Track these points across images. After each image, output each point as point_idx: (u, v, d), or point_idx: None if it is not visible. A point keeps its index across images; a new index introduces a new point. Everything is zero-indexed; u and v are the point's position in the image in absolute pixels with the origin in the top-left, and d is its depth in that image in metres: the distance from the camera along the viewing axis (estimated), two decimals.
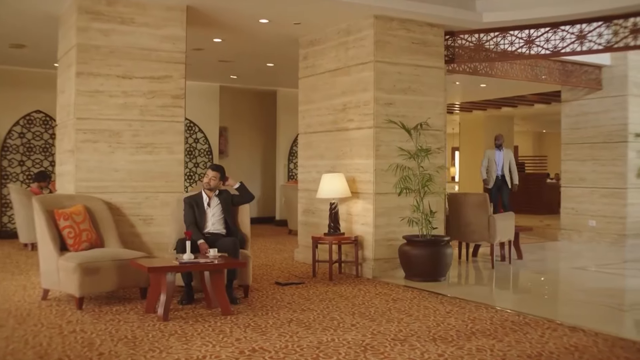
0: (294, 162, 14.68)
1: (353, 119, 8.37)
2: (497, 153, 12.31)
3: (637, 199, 11.05)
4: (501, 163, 12.28)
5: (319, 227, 8.98)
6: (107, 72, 7.23)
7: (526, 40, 8.48)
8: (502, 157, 12.30)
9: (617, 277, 8.73)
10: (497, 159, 12.30)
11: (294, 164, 14.67)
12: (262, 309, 6.27)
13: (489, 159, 12.33)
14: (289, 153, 14.76)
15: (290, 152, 14.77)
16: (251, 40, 9.52)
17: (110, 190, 7.25)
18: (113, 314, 5.98)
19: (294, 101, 14.62)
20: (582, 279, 8.49)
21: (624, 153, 10.97)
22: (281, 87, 14.53)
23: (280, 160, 14.76)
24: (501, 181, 12.24)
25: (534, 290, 7.82)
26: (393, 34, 8.17)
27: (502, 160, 12.30)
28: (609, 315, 6.47)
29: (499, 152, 12.31)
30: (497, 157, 12.32)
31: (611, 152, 11.12)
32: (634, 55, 10.83)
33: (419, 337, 5.27)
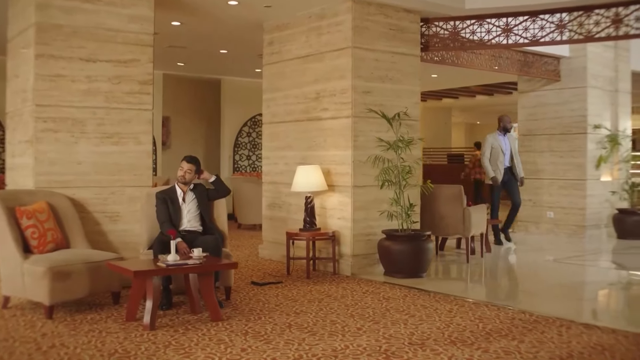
0: (240, 153, 14.13)
1: (328, 108, 7.94)
2: (502, 139, 10.07)
3: (595, 191, 11.09)
4: (509, 151, 10.09)
5: (286, 222, 8.53)
6: (70, 54, 6.54)
7: (504, 29, 8.25)
8: (509, 144, 10.14)
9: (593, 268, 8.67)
10: (504, 147, 10.06)
11: (240, 155, 14.12)
12: (250, 312, 5.79)
13: (492, 148, 10.05)
14: (234, 144, 14.18)
15: (236, 143, 14.19)
16: (212, 24, 8.95)
17: (73, 185, 6.58)
18: (90, 324, 5.35)
19: (239, 90, 14.17)
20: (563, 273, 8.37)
21: (583, 145, 10.97)
22: (226, 76, 13.93)
23: (225, 151, 14.16)
24: (509, 175, 10.07)
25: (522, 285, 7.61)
26: (371, 19, 7.78)
27: (511, 148, 10.12)
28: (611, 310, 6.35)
29: (504, 138, 10.09)
30: (504, 144, 10.07)
31: (570, 143, 11.11)
32: (593, 48, 10.84)
33: (435, 340, 4.95)
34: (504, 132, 10.12)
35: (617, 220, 10.92)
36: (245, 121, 14.25)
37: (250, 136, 14.34)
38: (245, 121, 14.25)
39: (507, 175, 10.06)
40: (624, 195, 11.12)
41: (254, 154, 14.33)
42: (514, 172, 10.07)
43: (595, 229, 11.07)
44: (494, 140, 10.06)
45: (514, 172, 10.08)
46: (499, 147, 10.00)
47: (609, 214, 11.20)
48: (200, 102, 14.69)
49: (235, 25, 9.03)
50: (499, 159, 9.98)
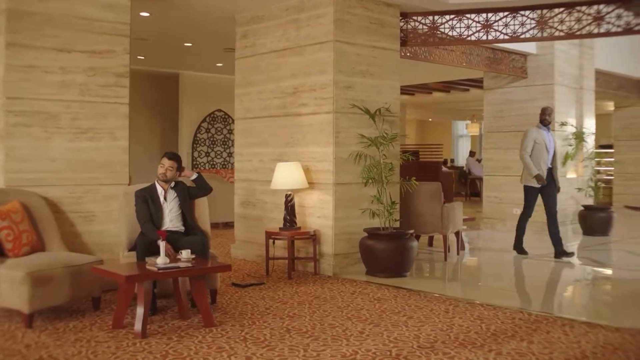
0: (198, 150, 13.75)
1: (307, 103, 7.71)
2: (546, 134, 8.57)
3: (563, 187, 11.12)
4: (553, 149, 8.59)
5: (262, 221, 8.26)
6: (43, 44, 6.11)
7: (484, 25, 8.16)
8: (553, 142, 8.67)
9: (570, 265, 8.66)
10: (549, 143, 8.55)
11: (198, 152, 13.75)
12: (242, 316, 5.52)
13: (536, 143, 8.51)
14: (193, 140, 13.78)
15: (195, 139, 13.80)
16: (182, 15, 8.62)
17: (46, 183, 6.16)
18: (74, 332, 4.99)
19: (198, 85, 13.77)
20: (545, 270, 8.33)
21: None
22: (185, 71, 13.53)
23: (183, 148, 13.74)
24: (550, 177, 8.63)
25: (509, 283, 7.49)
26: (352, 12, 7.57)
27: (554, 145, 8.65)
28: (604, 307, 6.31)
29: (548, 133, 8.61)
30: (548, 141, 8.56)
31: None
32: (560, 45, 10.87)
33: (443, 342, 4.79)
34: (546, 125, 8.64)
35: (582, 216, 11.01)
36: (204, 117, 13.88)
37: (209, 132, 13.97)
38: (204, 117, 13.89)
39: (548, 177, 8.62)
40: (589, 192, 11.20)
41: (213, 150, 13.97)
42: (554, 176, 8.70)
43: (561, 225, 11.06)
44: (538, 134, 8.55)
45: (553, 176, 8.70)
46: (543, 143, 8.53)
47: (575, 211, 11.29)
48: (157, 97, 14.22)
49: (205, 17, 8.72)
50: (542, 158, 8.54)
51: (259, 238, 8.19)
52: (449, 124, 25.92)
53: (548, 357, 4.47)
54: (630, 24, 7.44)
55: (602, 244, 10.26)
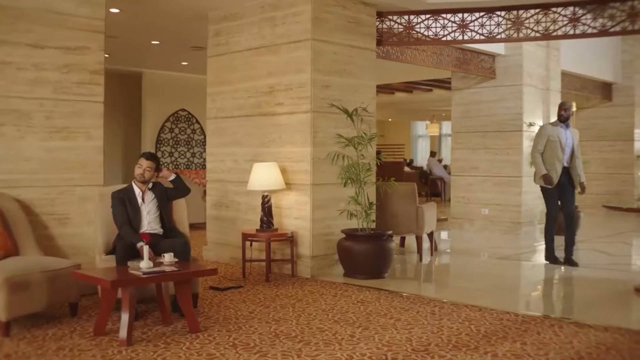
0: (162, 150, 13.46)
1: (283, 102, 7.57)
2: (563, 131, 8.02)
3: (529, 187, 11.21)
4: (570, 148, 8.05)
5: (236, 222, 8.10)
6: (16, 39, 5.85)
7: (459, 25, 8.14)
8: (571, 139, 8.09)
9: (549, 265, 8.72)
10: (565, 141, 8.01)
11: (162, 152, 13.45)
12: (226, 321, 5.37)
13: (549, 140, 8.01)
14: (157, 140, 13.49)
15: (158, 139, 13.50)
16: (152, 12, 8.38)
17: (19, 185, 5.90)
18: (55, 341, 4.76)
19: (162, 84, 13.46)
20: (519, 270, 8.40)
21: (519, 142, 11.06)
22: (148, 69, 13.22)
23: (146, 148, 13.39)
24: (566, 177, 8.09)
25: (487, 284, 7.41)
26: (330, 10, 7.47)
27: (573, 142, 8.10)
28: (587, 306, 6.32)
29: (565, 131, 8.05)
30: (565, 138, 8.01)
31: (505, 141, 11.18)
32: (529, 46, 10.95)
33: (437, 345, 4.73)
34: (564, 122, 8.06)
35: None
36: (167, 116, 13.60)
37: (173, 132, 13.70)
38: (168, 116, 13.60)
39: (563, 177, 8.08)
40: None
41: (177, 150, 13.70)
42: (572, 175, 8.12)
43: (529, 225, 11.21)
44: (553, 131, 8.04)
45: (571, 175, 8.12)
46: (558, 140, 7.98)
47: (542, 210, 11.35)
48: (118, 96, 13.85)
49: (176, 14, 8.50)
50: (557, 156, 7.98)
51: (233, 240, 8.04)
52: (407, 124, 26.00)
53: (544, 358, 4.44)
54: (605, 25, 7.51)
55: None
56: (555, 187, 8.06)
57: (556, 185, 8.05)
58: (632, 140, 14.81)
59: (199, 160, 14.02)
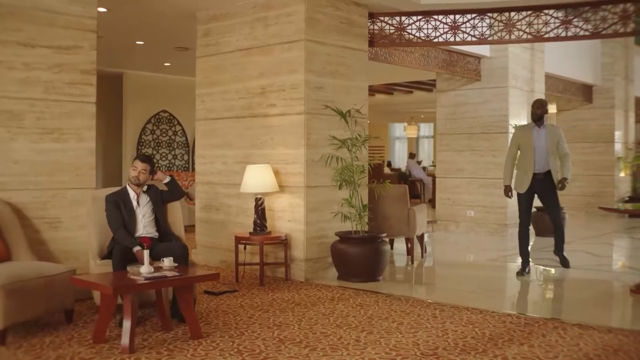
0: (143, 152, 13.27)
1: (275, 103, 7.47)
2: (535, 132, 7.45)
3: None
4: (543, 149, 7.38)
5: (226, 226, 7.98)
6: (5, 37, 5.67)
7: (451, 26, 8.11)
8: (545, 140, 7.40)
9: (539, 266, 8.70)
10: (537, 143, 7.40)
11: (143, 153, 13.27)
12: (227, 327, 5.25)
13: (521, 145, 7.51)
14: (138, 142, 13.30)
15: (139, 141, 13.31)
16: (139, 11, 8.24)
17: (9, 187, 5.72)
18: (53, 349, 4.60)
19: (143, 85, 13.27)
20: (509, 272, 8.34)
21: (504, 144, 11.00)
22: (129, 70, 13.03)
23: (127, 150, 13.24)
24: (543, 180, 7.44)
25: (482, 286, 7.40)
26: (323, 11, 7.38)
27: (546, 144, 7.38)
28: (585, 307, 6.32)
29: (538, 132, 7.44)
30: (537, 140, 7.41)
31: (491, 142, 11.17)
32: (514, 48, 10.96)
33: (445, 349, 4.68)
34: (537, 121, 7.44)
35: (535, 218, 11.10)
36: (149, 118, 13.41)
37: (154, 134, 13.52)
38: (149, 118, 13.42)
39: (540, 183, 7.45)
40: None
41: (159, 152, 13.53)
42: (551, 177, 7.46)
43: (514, 227, 11.18)
44: (523, 134, 7.51)
45: (550, 177, 7.45)
46: (528, 143, 7.41)
47: None
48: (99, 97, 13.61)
49: (164, 14, 8.36)
50: (529, 162, 7.42)
51: (224, 243, 7.92)
52: (385, 125, 26.02)
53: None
54: (597, 27, 7.53)
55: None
56: (527, 193, 7.54)
57: (528, 192, 7.52)
58: (612, 142, 14.94)
59: (180, 162, 13.86)
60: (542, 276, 7.81)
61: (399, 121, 24.34)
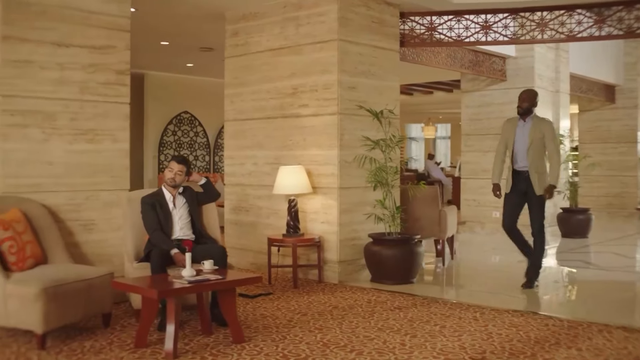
0: (165, 153, 13.24)
1: (307, 104, 7.41)
2: (519, 127, 6.75)
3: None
4: (525, 145, 6.62)
5: (256, 227, 7.92)
6: (39, 37, 5.62)
7: (483, 26, 8.03)
8: (528, 135, 6.62)
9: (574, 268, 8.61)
10: (518, 138, 6.68)
11: (165, 155, 13.24)
12: (267, 330, 5.19)
13: (506, 142, 6.79)
14: (160, 143, 13.26)
15: (161, 142, 13.28)
16: (167, 11, 8.21)
17: (44, 189, 5.67)
18: (95, 354, 4.54)
19: (165, 86, 13.22)
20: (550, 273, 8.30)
21: None
22: (151, 71, 12.98)
23: (148, 151, 13.20)
24: (527, 182, 6.64)
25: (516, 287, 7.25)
26: (355, 10, 7.32)
27: (528, 139, 6.61)
28: (625, 309, 6.24)
29: (523, 126, 6.72)
30: (519, 135, 6.69)
31: None
32: (540, 48, 10.89)
33: (492, 352, 4.60)
34: (523, 115, 6.72)
35: (561, 219, 11.03)
36: (170, 119, 13.38)
37: (175, 135, 13.48)
38: (171, 119, 13.39)
39: (523, 182, 6.66)
40: (567, 194, 11.24)
41: (180, 153, 13.47)
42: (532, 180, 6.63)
43: None
44: (508, 127, 6.84)
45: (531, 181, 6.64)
46: (510, 139, 6.73)
47: (553, 213, 11.31)
48: None
49: (192, 14, 8.31)
50: (512, 157, 6.74)
51: (254, 245, 7.86)
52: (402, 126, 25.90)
53: None
54: (631, 27, 7.43)
55: (584, 247, 10.30)
56: (512, 193, 6.77)
57: (512, 192, 6.76)
58: (635, 142, 14.81)
59: (202, 163, 13.82)
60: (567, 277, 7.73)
61: (416, 122, 24.23)
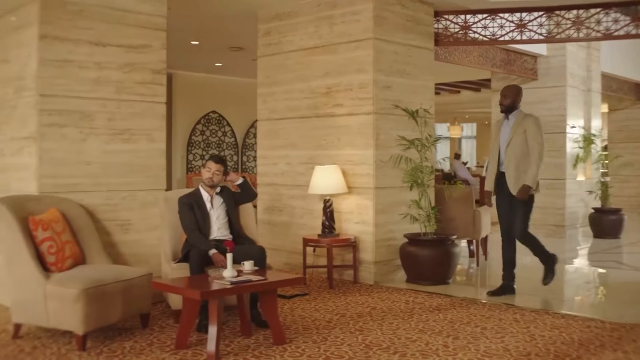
0: (193, 153, 13.26)
1: (342, 103, 7.36)
2: (503, 126, 6.42)
3: (573, 190, 11.03)
4: (505, 143, 6.33)
5: (290, 227, 7.89)
6: (77, 36, 5.62)
7: (517, 24, 7.93)
8: (510, 134, 6.29)
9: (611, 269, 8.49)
10: (502, 137, 6.37)
11: (193, 155, 13.26)
12: (307, 331, 5.15)
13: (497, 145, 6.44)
14: (188, 143, 13.28)
15: (189, 142, 13.30)
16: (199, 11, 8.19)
17: (81, 189, 5.67)
18: (136, 355, 4.52)
19: (193, 86, 13.24)
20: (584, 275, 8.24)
21: (562, 144, 10.85)
22: (179, 70, 12.99)
23: (177, 151, 13.24)
24: (504, 184, 6.36)
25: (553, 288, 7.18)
26: (390, 9, 7.26)
27: (510, 136, 6.29)
28: None
29: (507, 124, 6.38)
30: (503, 133, 6.37)
31: (548, 143, 10.69)
32: (571, 47, 10.75)
33: (537, 355, 4.54)
34: (505, 112, 6.37)
35: (593, 219, 10.89)
36: (199, 119, 13.39)
37: (204, 134, 13.49)
38: (199, 119, 13.40)
39: (500, 184, 6.41)
40: (599, 195, 11.10)
41: (208, 153, 13.49)
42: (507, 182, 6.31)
43: (571, 228, 11.01)
44: (496, 127, 6.57)
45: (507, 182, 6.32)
46: (495, 139, 6.45)
47: (584, 214, 11.18)
48: None
49: (223, 12, 8.29)
50: (493, 157, 6.49)
51: (287, 245, 7.83)
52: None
53: None
54: None
55: (617, 247, 10.18)
56: (499, 197, 6.48)
57: (499, 195, 6.47)
58: None
59: (229, 163, 13.82)
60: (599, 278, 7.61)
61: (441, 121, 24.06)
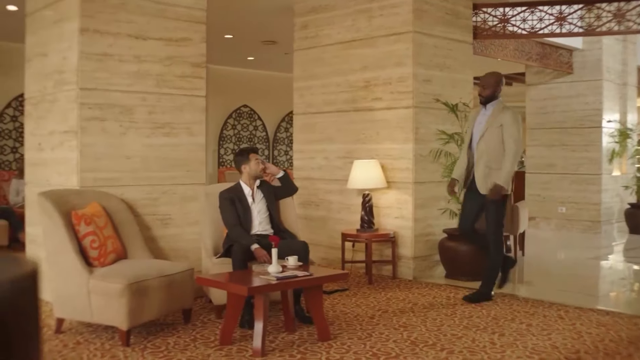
0: (225, 147, 13.26)
1: (381, 97, 7.30)
2: (479, 116, 5.99)
3: (609, 185, 10.89)
4: (478, 135, 5.90)
5: (326, 222, 7.85)
6: (117, 29, 5.59)
7: (557, 17, 7.82)
8: (485, 125, 5.86)
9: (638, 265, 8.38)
10: (475, 129, 5.96)
11: (225, 149, 13.26)
12: (350, 327, 5.10)
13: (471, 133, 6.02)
14: (219, 137, 13.30)
15: (221, 136, 13.31)
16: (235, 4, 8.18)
17: (121, 183, 5.65)
18: (181, 351, 4.47)
19: (225, 80, 13.25)
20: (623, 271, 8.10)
21: (598, 139, 10.72)
22: (211, 64, 12.95)
23: (209, 145, 13.22)
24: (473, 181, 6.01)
25: (593, 285, 7.10)
26: (429, 2, 7.19)
27: (484, 129, 5.85)
28: None
29: (483, 114, 5.95)
30: (477, 125, 5.96)
31: (583, 137, 10.83)
32: (607, 40, 10.60)
33: (587, 352, 4.46)
34: (484, 103, 5.94)
35: (629, 214, 10.75)
36: (230, 113, 13.40)
37: (235, 129, 13.50)
38: (230, 113, 13.41)
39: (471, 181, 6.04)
40: (635, 190, 10.94)
41: (240, 147, 13.49)
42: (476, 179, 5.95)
43: (607, 224, 10.87)
44: (471, 117, 6.26)
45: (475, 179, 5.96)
46: (469, 130, 6.08)
47: (620, 209, 11.04)
48: None
49: (260, 6, 8.28)
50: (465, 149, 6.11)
51: (324, 240, 7.79)
52: None
53: None
54: None
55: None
56: (467, 192, 6.17)
57: (467, 191, 6.15)
58: None
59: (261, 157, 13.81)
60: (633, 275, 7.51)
61: None
